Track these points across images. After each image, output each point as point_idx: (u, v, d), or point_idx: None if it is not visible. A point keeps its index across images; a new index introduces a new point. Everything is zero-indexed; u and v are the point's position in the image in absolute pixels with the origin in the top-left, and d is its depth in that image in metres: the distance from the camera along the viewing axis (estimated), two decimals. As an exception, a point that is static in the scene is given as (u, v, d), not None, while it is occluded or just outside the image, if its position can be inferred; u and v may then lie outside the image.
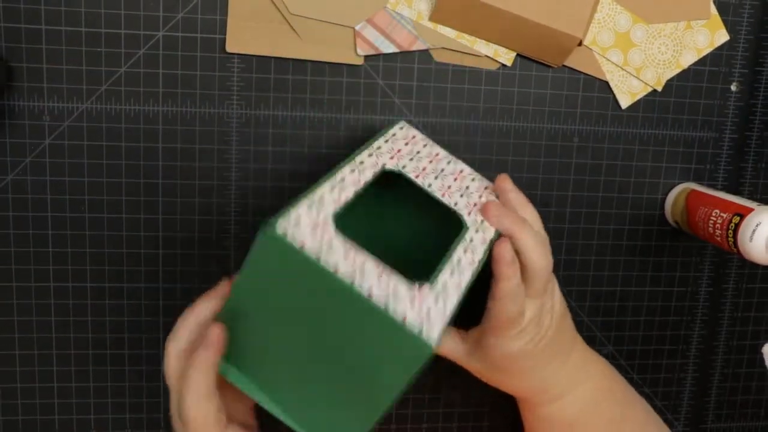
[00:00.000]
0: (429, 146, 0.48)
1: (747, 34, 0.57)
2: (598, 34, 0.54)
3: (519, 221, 0.44)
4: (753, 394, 0.64)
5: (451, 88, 0.55)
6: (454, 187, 0.45)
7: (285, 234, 0.34)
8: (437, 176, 0.45)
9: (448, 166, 0.47)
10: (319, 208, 0.36)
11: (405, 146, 0.46)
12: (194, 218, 0.54)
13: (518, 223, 0.44)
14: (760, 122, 0.59)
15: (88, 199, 0.52)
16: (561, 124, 0.56)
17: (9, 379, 0.54)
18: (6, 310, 0.53)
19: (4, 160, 0.51)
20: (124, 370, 0.55)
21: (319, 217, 0.36)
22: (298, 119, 0.53)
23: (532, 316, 0.46)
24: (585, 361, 0.51)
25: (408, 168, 0.44)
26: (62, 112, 0.51)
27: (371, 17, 0.52)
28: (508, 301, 0.44)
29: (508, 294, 0.43)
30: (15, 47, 0.50)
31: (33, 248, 0.52)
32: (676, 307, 0.61)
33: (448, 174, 0.46)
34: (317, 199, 0.37)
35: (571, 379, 0.49)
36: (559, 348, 0.48)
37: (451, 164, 0.48)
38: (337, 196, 0.38)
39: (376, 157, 0.43)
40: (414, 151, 0.46)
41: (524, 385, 0.49)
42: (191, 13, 0.51)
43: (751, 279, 0.62)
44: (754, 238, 0.48)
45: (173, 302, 0.55)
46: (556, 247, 0.58)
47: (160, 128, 0.52)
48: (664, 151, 0.58)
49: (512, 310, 0.44)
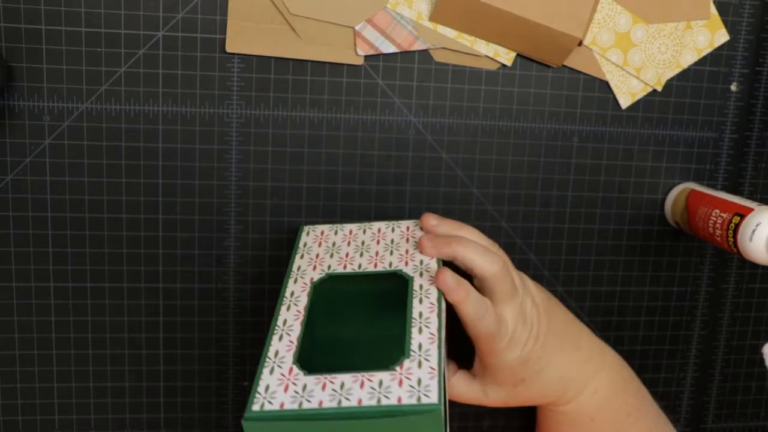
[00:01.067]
0: (339, 230, 0.50)
1: (747, 34, 0.57)
2: (598, 34, 0.54)
3: (452, 240, 0.45)
4: (753, 394, 0.64)
5: (451, 88, 0.55)
6: (380, 250, 0.47)
7: (262, 409, 0.36)
8: (361, 252, 0.47)
9: (366, 235, 0.49)
10: (280, 364, 0.39)
11: (319, 247, 0.48)
12: (194, 218, 0.54)
13: (452, 242, 0.45)
14: (760, 122, 0.59)
15: (88, 199, 0.52)
16: (561, 124, 0.56)
17: (9, 379, 0.54)
18: (6, 310, 0.53)
19: (4, 160, 0.51)
20: (124, 370, 0.55)
21: (284, 370, 0.38)
22: (297, 119, 0.53)
23: (514, 319, 0.45)
24: (596, 349, 0.50)
25: (333, 265, 0.46)
26: (62, 112, 0.51)
27: (371, 17, 0.52)
28: (477, 319, 0.43)
29: (473, 313, 0.43)
30: (15, 47, 0.50)
31: (33, 248, 0.52)
32: (676, 307, 0.61)
33: (369, 242, 0.48)
34: (273, 356, 0.39)
35: (586, 370, 0.49)
36: (561, 336, 0.48)
37: (367, 231, 0.49)
38: (289, 340, 0.40)
39: (301, 278, 0.45)
40: (330, 244, 0.49)
41: (545, 390, 0.48)
42: (191, 13, 0.51)
43: (751, 279, 0.62)
44: (754, 238, 0.48)
45: (173, 302, 0.55)
46: (556, 247, 0.58)
47: (160, 128, 0.52)
48: (664, 151, 0.58)
49: (487, 324, 0.44)
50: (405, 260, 0.45)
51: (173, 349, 0.55)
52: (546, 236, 0.58)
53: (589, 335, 0.50)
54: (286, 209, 0.55)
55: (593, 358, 0.49)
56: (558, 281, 0.59)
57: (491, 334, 0.44)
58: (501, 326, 0.45)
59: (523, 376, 0.47)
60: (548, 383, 0.48)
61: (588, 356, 0.49)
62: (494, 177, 0.56)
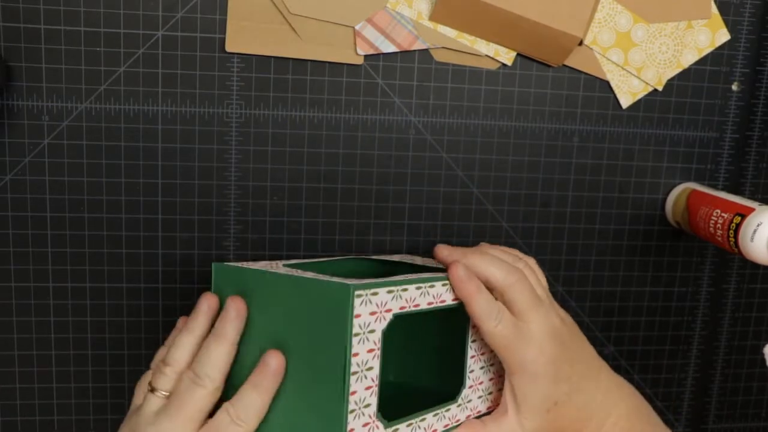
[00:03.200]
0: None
1: (748, 33, 0.57)
2: (598, 33, 0.54)
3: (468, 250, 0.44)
4: (754, 394, 0.64)
5: (451, 88, 0.55)
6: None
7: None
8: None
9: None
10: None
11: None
12: (194, 218, 0.54)
13: (467, 251, 0.44)
14: (761, 122, 0.59)
15: (87, 199, 0.52)
16: (561, 123, 0.56)
17: (8, 379, 0.54)
18: (5, 311, 0.53)
19: (3, 160, 0.51)
20: (123, 370, 0.55)
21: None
22: (297, 119, 0.53)
23: (540, 330, 0.43)
24: (614, 383, 0.49)
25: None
26: (61, 111, 0.51)
27: (371, 17, 0.52)
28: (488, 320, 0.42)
29: (481, 312, 0.42)
30: (14, 47, 0.50)
31: (32, 248, 0.52)
32: (676, 307, 0.61)
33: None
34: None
35: (607, 401, 0.47)
36: (588, 364, 0.46)
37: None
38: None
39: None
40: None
41: (576, 415, 0.46)
42: (191, 13, 0.51)
43: (752, 279, 0.61)
44: (755, 238, 0.48)
45: (173, 302, 0.55)
46: (556, 247, 0.58)
47: (159, 128, 0.52)
48: (665, 151, 0.58)
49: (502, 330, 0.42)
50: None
51: (173, 350, 0.55)
52: (546, 236, 0.58)
53: (607, 368, 0.49)
54: (286, 209, 0.54)
55: (612, 389, 0.48)
56: (558, 281, 0.59)
57: (509, 340, 0.42)
58: (523, 334, 0.43)
59: (556, 398, 0.44)
60: (578, 409, 0.46)
61: (608, 387, 0.48)
62: (494, 177, 0.56)
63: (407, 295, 0.41)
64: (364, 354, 0.38)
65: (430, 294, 0.42)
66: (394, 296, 0.40)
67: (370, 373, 0.39)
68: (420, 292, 0.42)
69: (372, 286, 0.38)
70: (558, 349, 0.44)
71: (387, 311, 0.39)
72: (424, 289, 0.42)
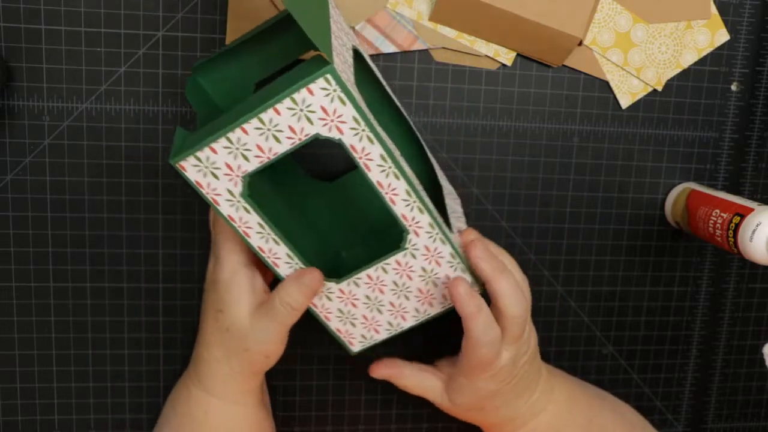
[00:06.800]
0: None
1: (747, 33, 0.57)
2: (598, 34, 0.54)
3: (499, 267, 0.44)
4: (753, 394, 0.64)
5: (451, 88, 0.55)
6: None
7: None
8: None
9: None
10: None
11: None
12: (194, 218, 0.54)
13: (498, 269, 0.44)
14: (760, 122, 0.59)
15: (87, 199, 0.52)
16: (561, 123, 0.56)
17: (8, 379, 0.54)
18: (5, 310, 0.53)
19: (3, 160, 0.51)
20: (124, 370, 0.55)
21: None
22: (297, 119, 0.53)
23: (508, 361, 0.45)
24: (549, 387, 0.51)
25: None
26: (62, 111, 0.51)
27: (371, 17, 0.52)
28: (481, 341, 0.43)
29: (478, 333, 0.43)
30: (14, 47, 0.50)
31: (32, 248, 0.52)
32: (676, 307, 0.61)
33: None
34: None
35: (537, 407, 0.50)
36: (528, 383, 0.49)
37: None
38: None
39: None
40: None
41: (493, 420, 0.49)
42: (191, 13, 0.51)
43: (751, 279, 0.62)
44: (754, 238, 0.48)
45: (173, 302, 0.55)
46: (556, 247, 0.58)
47: (159, 128, 0.52)
48: (665, 151, 0.58)
49: (487, 352, 0.44)
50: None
51: (173, 350, 0.55)
52: (546, 236, 0.58)
53: (545, 378, 0.51)
54: (286, 209, 0.54)
55: (543, 398, 0.50)
56: (558, 281, 0.59)
57: (485, 363, 0.44)
58: (494, 360, 0.45)
59: (484, 405, 0.48)
60: (499, 415, 0.49)
61: (539, 398, 0.50)
62: (494, 177, 0.56)
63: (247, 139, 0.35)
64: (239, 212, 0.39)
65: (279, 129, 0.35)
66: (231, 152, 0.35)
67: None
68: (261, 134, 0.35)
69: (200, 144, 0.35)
70: (510, 377, 0.46)
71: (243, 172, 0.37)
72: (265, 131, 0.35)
